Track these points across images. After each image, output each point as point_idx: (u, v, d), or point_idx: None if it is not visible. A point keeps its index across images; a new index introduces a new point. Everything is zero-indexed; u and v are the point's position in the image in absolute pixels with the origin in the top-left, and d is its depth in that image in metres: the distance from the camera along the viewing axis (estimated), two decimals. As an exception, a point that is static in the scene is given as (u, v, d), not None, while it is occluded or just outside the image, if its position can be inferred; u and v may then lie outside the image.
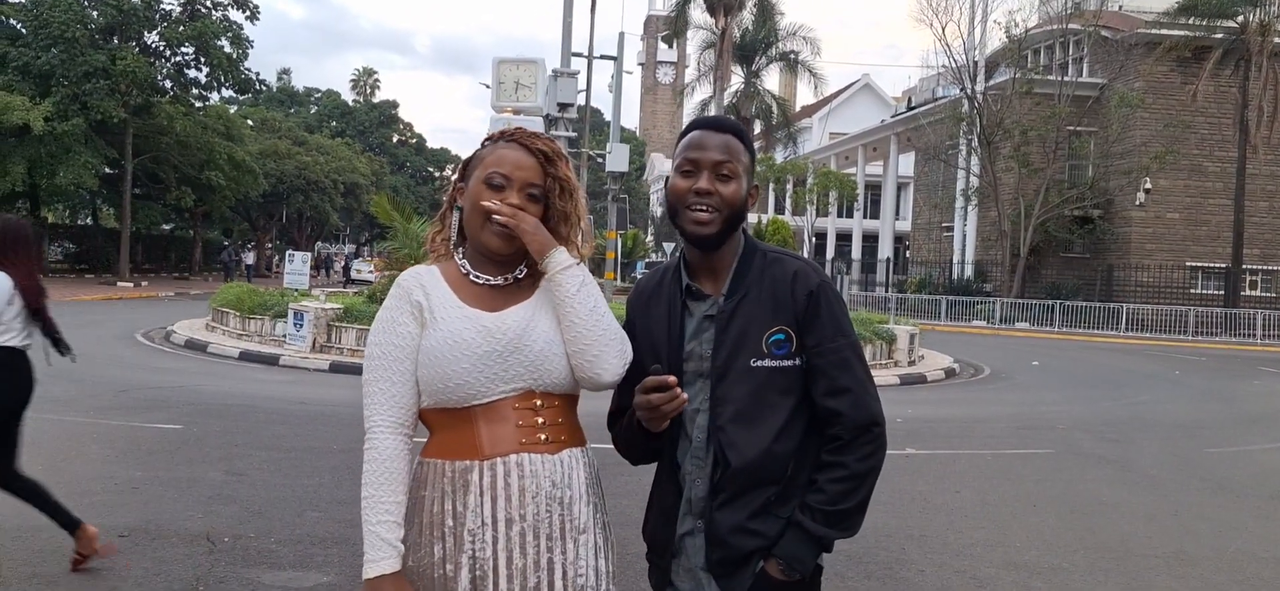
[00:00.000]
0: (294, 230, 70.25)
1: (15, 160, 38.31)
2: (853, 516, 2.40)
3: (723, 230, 2.45)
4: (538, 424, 2.36)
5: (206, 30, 43.39)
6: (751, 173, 2.52)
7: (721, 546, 2.42)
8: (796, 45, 49.40)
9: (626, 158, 35.24)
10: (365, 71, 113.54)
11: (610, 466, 2.81)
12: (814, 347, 2.41)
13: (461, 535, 2.29)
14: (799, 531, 2.38)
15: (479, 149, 2.50)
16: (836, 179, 52.20)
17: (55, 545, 6.13)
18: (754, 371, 2.40)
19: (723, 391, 2.42)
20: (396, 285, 2.43)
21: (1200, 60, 37.95)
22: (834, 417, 2.40)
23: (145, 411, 11.38)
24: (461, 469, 2.32)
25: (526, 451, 2.33)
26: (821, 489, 2.38)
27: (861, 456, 2.39)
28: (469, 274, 2.44)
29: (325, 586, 5.69)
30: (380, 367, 2.36)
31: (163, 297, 36.38)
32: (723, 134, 2.48)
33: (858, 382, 2.41)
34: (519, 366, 2.34)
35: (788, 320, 2.41)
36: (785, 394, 2.41)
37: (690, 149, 2.48)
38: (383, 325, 2.39)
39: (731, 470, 2.39)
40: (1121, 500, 8.93)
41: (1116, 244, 41.74)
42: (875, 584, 6.17)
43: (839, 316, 2.44)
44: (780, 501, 2.41)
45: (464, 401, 2.32)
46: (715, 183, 2.43)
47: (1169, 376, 21.70)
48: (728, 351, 2.42)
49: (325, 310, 18.30)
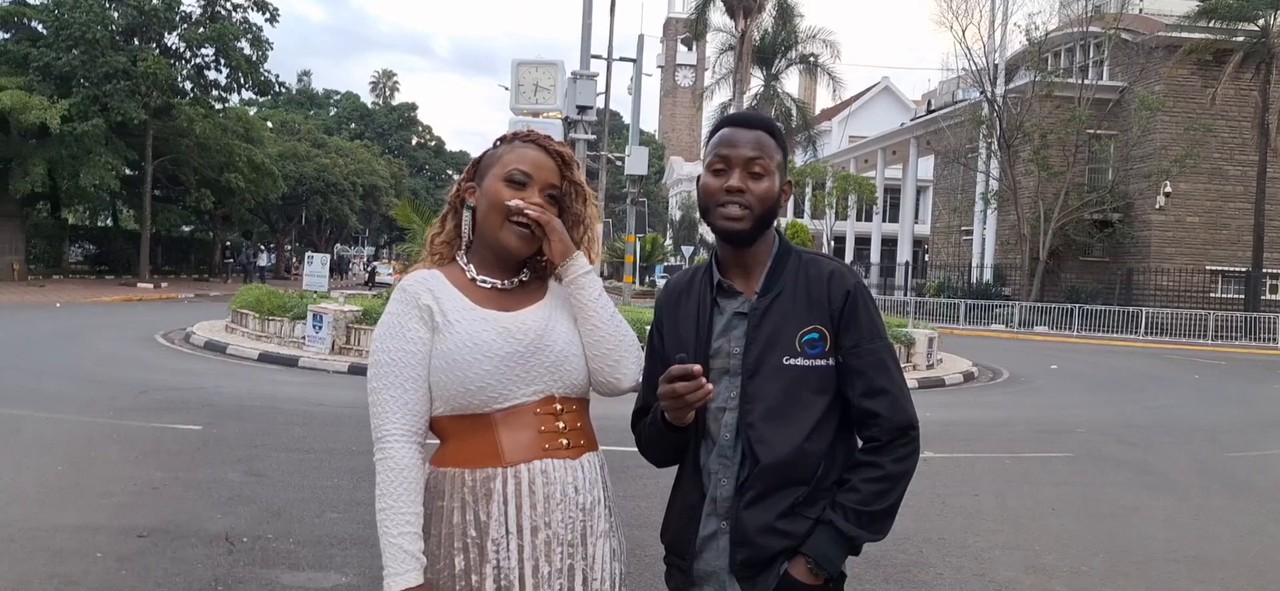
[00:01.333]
0: (313, 232, 70.55)
1: (36, 161, 38.64)
2: (883, 519, 2.39)
3: (754, 227, 2.43)
4: (559, 428, 2.32)
5: (226, 32, 43.70)
6: (784, 170, 2.50)
7: (748, 546, 2.39)
8: (816, 48, 49.42)
9: (646, 161, 35.22)
10: (384, 73, 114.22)
11: (629, 468, 2.82)
12: (851, 348, 2.39)
13: (485, 545, 2.24)
14: (830, 529, 2.36)
15: (492, 148, 2.46)
16: (856, 182, 52.12)
17: (77, 545, 6.18)
18: (786, 369, 2.39)
19: (754, 388, 2.40)
20: (400, 289, 2.36)
21: (1221, 63, 37.80)
22: (871, 419, 2.39)
23: (165, 412, 11.43)
24: (483, 477, 2.26)
25: (549, 457, 2.29)
26: (855, 488, 2.36)
27: (897, 458, 2.37)
28: (475, 278, 2.39)
29: (344, 587, 5.70)
30: (390, 374, 2.27)
31: (182, 299, 36.58)
32: (754, 130, 2.46)
33: (895, 385, 2.40)
34: (540, 368, 2.30)
35: (822, 319, 2.40)
36: (818, 393, 2.40)
37: (721, 146, 2.45)
38: (390, 331, 2.31)
39: (761, 466, 2.37)
40: (1141, 504, 8.89)
41: (1136, 247, 41.55)
42: (893, 586, 6.15)
43: (875, 319, 2.44)
44: (809, 502, 2.38)
45: (484, 406, 2.27)
46: (747, 180, 2.41)
47: (1189, 380, 21.58)
48: (760, 348, 2.40)
49: (344, 312, 18.35)
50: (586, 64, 25.49)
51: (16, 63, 39.86)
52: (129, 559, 5.98)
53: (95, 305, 30.84)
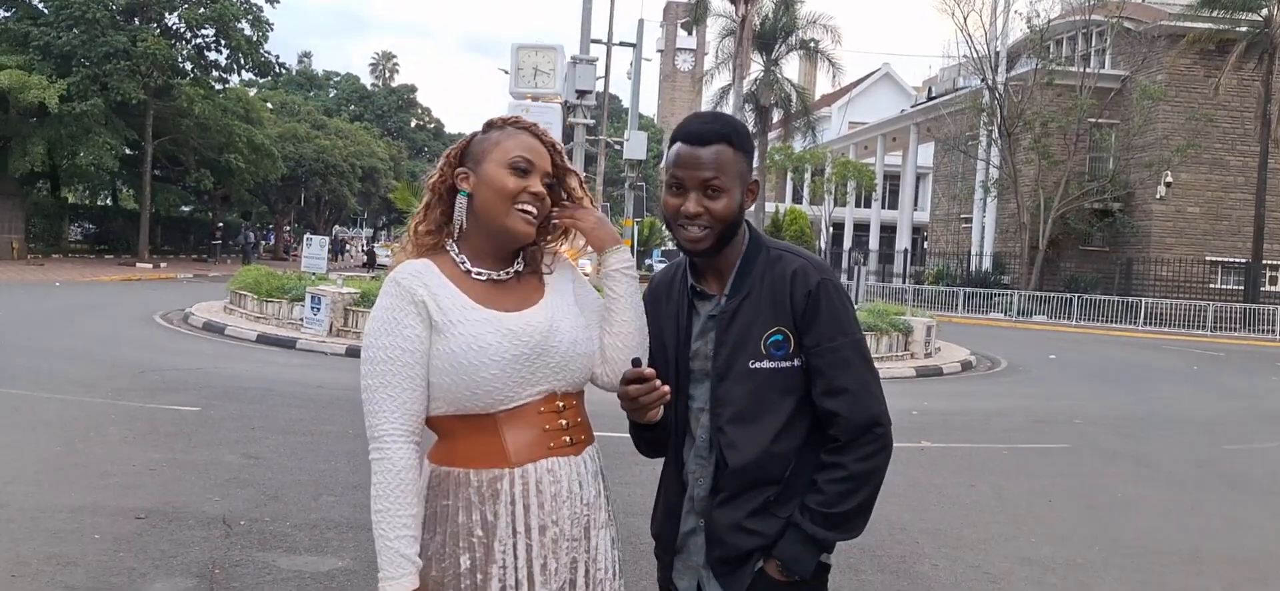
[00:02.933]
0: (312, 214, 70.50)
1: (36, 140, 38.60)
2: (853, 518, 2.38)
3: (717, 243, 2.42)
4: (562, 426, 2.31)
5: (227, 12, 43.60)
6: (747, 174, 2.45)
7: (720, 545, 2.42)
8: (816, 33, 49.23)
9: (644, 145, 35.21)
10: (384, 55, 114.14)
11: (625, 455, 2.81)
12: (812, 347, 2.38)
13: (492, 545, 2.22)
14: (797, 532, 2.37)
15: (481, 134, 2.40)
16: (855, 169, 52.01)
17: (74, 525, 6.19)
18: (753, 373, 2.39)
19: (723, 392, 2.41)
20: (391, 283, 2.28)
21: (1223, 53, 37.69)
22: (832, 418, 2.38)
23: (164, 393, 11.45)
24: (490, 478, 2.24)
25: (554, 455, 2.29)
26: (820, 490, 2.37)
27: (861, 457, 2.36)
28: (469, 270, 2.33)
29: (340, 571, 5.71)
30: (386, 372, 2.20)
31: (181, 279, 36.57)
32: (709, 146, 2.39)
33: (858, 382, 2.38)
34: (546, 369, 2.28)
35: (785, 321, 2.39)
36: (786, 394, 2.40)
37: (677, 166, 2.41)
38: (384, 326, 2.23)
39: (729, 470, 2.39)
40: (1137, 496, 8.91)
41: (1136, 237, 41.51)
42: (888, 577, 6.16)
43: (840, 314, 2.40)
44: (780, 501, 2.40)
45: (488, 408, 2.24)
46: (704, 201, 2.38)
47: (1187, 371, 21.60)
48: (728, 352, 2.41)
49: (342, 294, 18.35)
50: (586, 48, 25.50)
51: (17, 41, 39.75)
52: (127, 540, 5.99)
53: (94, 284, 30.83)
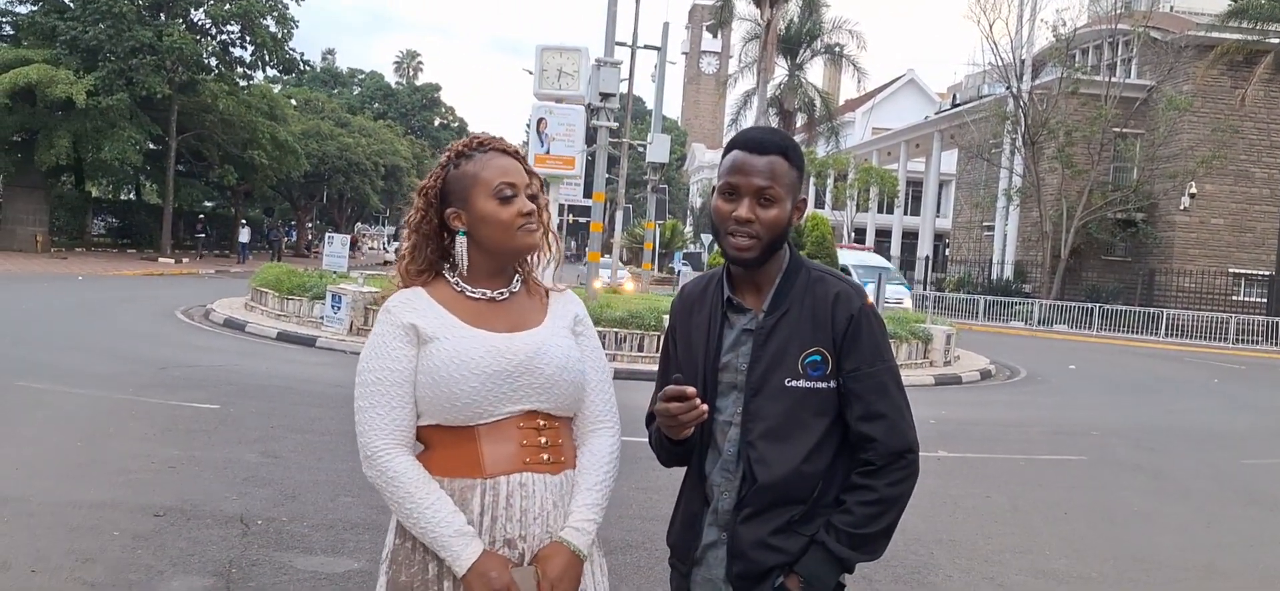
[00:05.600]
0: (334, 211, 70.74)
1: (61, 134, 38.87)
2: (877, 540, 2.41)
3: (763, 253, 2.43)
4: (541, 443, 2.34)
5: (252, 9, 43.81)
6: (798, 188, 2.47)
7: (742, 559, 2.42)
8: (841, 38, 49.15)
9: (668, 148, 35.20)
10: (409, 54, 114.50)
11: (643, 460, 2.83)
12: (851, 372, 2.40)
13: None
14: (822, 550, 2.39)
15: (452, 169, 2.43)
16: (878, 174, 51.91)
17: (94, 522, 6.25)
18: (788, 391, 2.40)
19: (756, 407, 2.42)
20: (384, 311, 2.38)
21: (1251, 64, 37.46)
22: (868, 443, 2.39)
23: (184, 390, 11.52)
24: (462, 487, 2.29)
25: (529, 471, 2.32)
26: (850, 510, 2.38)
27: (892, 482, 2.38)
28: (464, 291, 2.41)
29: (357, 573, 5.73)
30: (377, 392, 2.31)
31: (202, 275, 36.76)
32: (766, 155, 2.41)
33: (894, 409, 2.40)
34: (528, 387, 2.32)
35: (825, 342, 2.40)
36: (819, 415, 2.41)
37: (732, 172, 2.43)
38: (376, 351, 2.34)
39: (758, 486, 2.40)
40: (1154, 510, 8.88)
41: (1159, 248, 41.30)
42: (902, 587, 6.16)
43: (879, 341, 2.43)
44: (805, 520, 2.41)
45: (468, 420, 2.29)
46: (756, 209, 2.39)
47: (1207, 384, 21.45)
48: (764, 368, 2.42)
49: (363, 293, 18.42)
50: (611, 50, 25.42)
51: (44, 35, 40.04)
52: (145, 537, 6.04)
53: (117, 278, 31.02)
